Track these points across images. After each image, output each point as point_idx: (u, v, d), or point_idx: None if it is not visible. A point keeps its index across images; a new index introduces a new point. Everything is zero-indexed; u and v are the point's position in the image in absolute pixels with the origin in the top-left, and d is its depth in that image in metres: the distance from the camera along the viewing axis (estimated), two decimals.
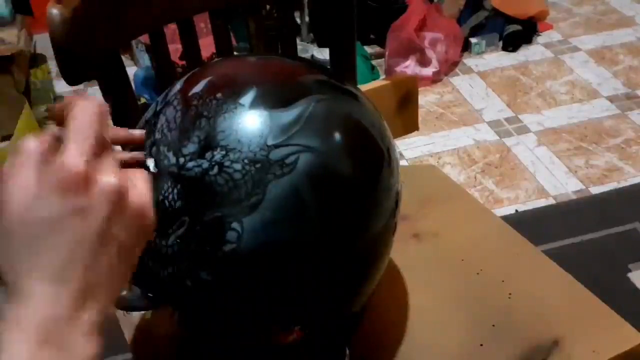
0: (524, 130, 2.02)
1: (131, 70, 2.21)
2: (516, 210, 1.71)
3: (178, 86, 0.56)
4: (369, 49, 2.38)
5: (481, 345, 0.69)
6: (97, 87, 0.78)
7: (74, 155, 0.39)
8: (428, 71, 2.23)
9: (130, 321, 0.74)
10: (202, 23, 1.62)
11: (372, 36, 2.41)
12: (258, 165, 0.49)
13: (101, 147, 0.41)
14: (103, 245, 0.39)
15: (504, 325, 0.70)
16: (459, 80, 2.28)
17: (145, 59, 2.28)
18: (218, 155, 0.50)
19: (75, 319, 0.38)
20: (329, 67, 0.87)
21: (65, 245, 0.38)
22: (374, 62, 2.30)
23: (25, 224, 0.38)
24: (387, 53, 2.26)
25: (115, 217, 0.40)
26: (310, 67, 0.59)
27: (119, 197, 0.40)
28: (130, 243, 0.41)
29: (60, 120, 0.43)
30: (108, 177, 0.40)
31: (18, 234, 0.39)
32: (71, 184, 0.38)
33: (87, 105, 0.41)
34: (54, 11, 0.69)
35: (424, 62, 2.24)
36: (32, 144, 0.40)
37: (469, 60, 2.38)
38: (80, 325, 0.39)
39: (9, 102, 1.92)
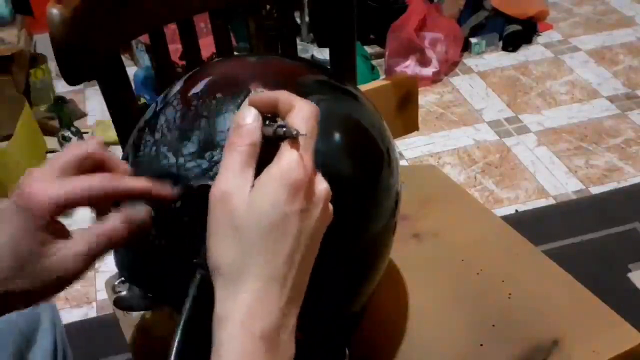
0: (524, 130, 2.02)
1: (131, 70, 2.21)
2: (516, 210, 1.71)
3: (178, 86, 0.56)
4: (369, 49, 2.38)
5: (481, 345, 0.69)
6: (97, 87, 0.78)
7: (298, 158, 0.41)
8: (428, 71, 2.23)
9: (130, 321, 0.74)
10: (202, 23, 1.62)
11: (372, 36, 2.41)
12: None
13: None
14: (312, 248, 0.42)
15: (504, 325, 0.70)
16: (459, 80, 2.28)
17: (145, 59, 2.28)
18: (218, 155, 0.50)
19: (286, 318, 0.41)
20: (329, 67, 0.87)
21: (287, 245, 0.40)
22: (374, 62, 2.30)
23: (256, 223, 0.40)
24: (387, 53, 2.26)
25: (324, 221, 0.43)
26: (310, 67, 0.59)
27: (327, 200, 0.43)
28: (319, 237, 0.43)
29: (256, 103, 0.43)
30: (323, 182, 0.43)
31: (248, 232, 0.40)
32: (299, 189, 0.40)
33: (307, 106, 0.44)
34: (54, 11, 0.69)
35: (424, 62, 2.24)
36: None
37: (469, 60, 2.38)
38: (288, 325, 0.41)
39: (9, 102, 1.92)
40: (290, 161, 0.41)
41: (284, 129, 0.41)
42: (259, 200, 0.40)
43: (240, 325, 0.39)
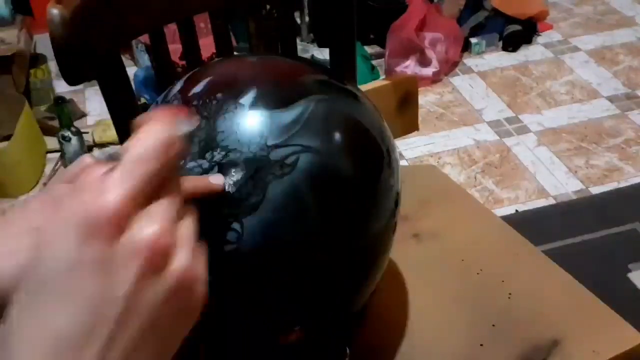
0: (524, 130, 2.02)
1: (131, 70, 2.21)
2: (516, 210, 1.71)
3: (178, 86, 0.56)
4: (369, 49, 2.38)
5: (481, 345, 0.69)
6: (97, 87, 0.78)
7: (109, 190, 0.30)
8: (428, 71, 2.23)
9: None
10: (202, 23, 1.62)
11: (372, 36, 2.41)
12: (258, 166, 0.49)
13: (155, 189, 0.31)
14: (126, 320, 0.30)
15: (504, 325, 0.70)
16: (459, 80, 2.28)
17: (145, 59, 2.28)
18: (218, 155, 0.50)
19: None
20: (329, 67, 0.87)
21: (74, 312, 0.29)
22: (374, 62, 2.30)
23: (36, 268, 0.30)
24: (387, 53, 2.26)
25: (148, 282, 0.30)
26: (310, 67, 0.59)
27: (156, 256, 0.30)
28: (169, 322, 0.31)
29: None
30: (148, 226, 0.30)
31: (28, 282, 0.30)
32: (94, 227, 0.29)
33: (156, 130, 0.32)
34: (54, 11, 0.69)
35: (424, 62, 2.24)
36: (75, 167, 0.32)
37: (469, 60, 2.38)
38: None
39: (9, 102, 1.92)
40: (91, 192, 0.30)
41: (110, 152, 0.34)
42: (42, 250, 0.30)
43: None
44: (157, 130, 0.32)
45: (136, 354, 0.30)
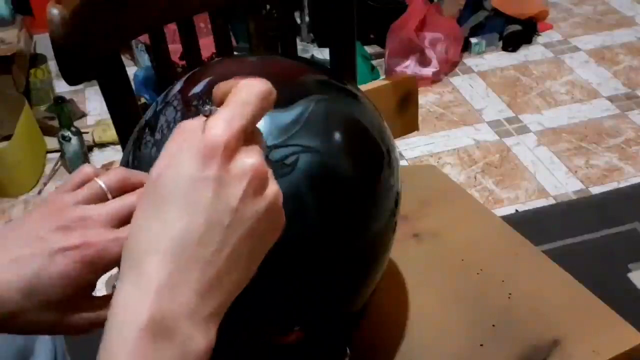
0: (524, 130, 2.02)
1: (131, 70, 2.21)
2: (516, 210, 1.71)
3: (178, 86, 0.56)
4: (369, 49, 2.38)
5: (481, 345, 0.69)
6: (97, 87, 0.78)
7: (221, 126, 0.36)
8: (428, 71, 2.23)
9: None
10: (202, 23, 1.62)
11: (372, 36, 2.41)
12: None
13: (251, 131, 0.38)
14: (234, 228, 0.36)
15: (504, 325, 0.70)
16: (459, 80, 2.28)
17: (145, 59, 2.28)
18: None
19: (193, 312, 0.35)
20: (329, 67, 0.87)
21: (193, 218, 0.35)
22: (374, 62, 2.30)
23: (160, 185, 0.36)
24: (387, 53, 2.26)
25: (251, 200, 0.37)
26: (310, 67, 0.59)
27: (258, 180, 0.37)
28: (261, 235, 0.38)
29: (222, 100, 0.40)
30: (253, 156, 0.37)
31: (153, 198, 0.36)
32: (211, 153, 0.35)
33: (255, 84, 0.39)
34: (54, 11, 0.69)
35: (424, 62, 2.24)
36: (188, 124, 0.38)
37: (469, 60, 2.38)
38: (197, 318, 0.35)
39: (9, 102, 1.92)
40: (193, 125, 0.37)
41: (204, 107, 0.39)
42: (172, 167, 0.36)
43: (126, 315, 0.34)
44: (256, 83, 0.39)
45: (237, 259, 0.37)
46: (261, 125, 0.51)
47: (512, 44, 2.41)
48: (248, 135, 0.38)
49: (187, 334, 0.35)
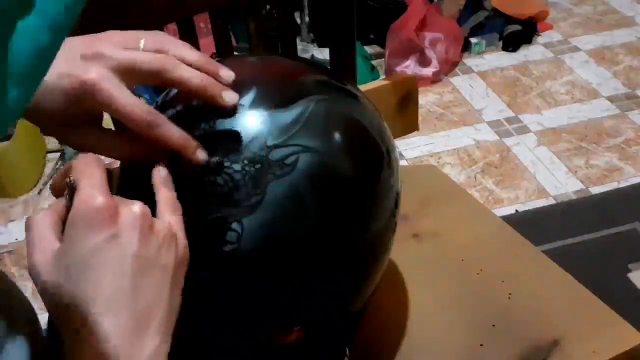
0: (524, 130, 2.02)
1: None
2: (516, 210, 1.71)
3: None
4: (369, 49, 2.38)
5: (481, 345, 0.69)
6: None
7: (91, 194, 0.41)
8: (428, 71, 2.23)
9: None
10: (202, 23, 1.62)
11: (372, 36, 2.41)
12: (258, 166, 0.49)
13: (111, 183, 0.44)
14: (142, 269, 0.41)
15: (504, 325, 0.70)
16: (459, 80, 2.28)
17: None
18: (218, 155, 0.50)
19: (133, 345, 0.39)
20: (329, 67, 0.87)
21: (106, 274, 0.40)
22: (374, 62, 2.30)
23: (67, 271, 0.40)
24: (387, 53, 2.26)
25: (147, 239, 0.41)
26: (310, 67, 0.59)
27: (147, 219, 0.42)
28: (167, 263, 0.43)
29: (61, 191, 0.45)
30: (131, 204, 0.42)
31: (63, 282, 0.40)
32: (97, 218, 0.40)
33: (82, 156, 0.45)
34: None
35: (424, 62, 2.24)
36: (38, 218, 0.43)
37: (469, 60, 2.38)
38: (140, 352, 0.40)
39: None
40: (77, 202, 0.41)
41: (70, 183, 0.43)
42: (65, 249, 0.40)
43: None
44: (81, 157, 0.45)
45: (157, 288, 0.42)
46: (261, 125, 0.51)
47: (512, 44, 2.41)
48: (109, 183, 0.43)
49: None
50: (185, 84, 0.48)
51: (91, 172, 0.43)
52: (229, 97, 0.49)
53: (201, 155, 0.49)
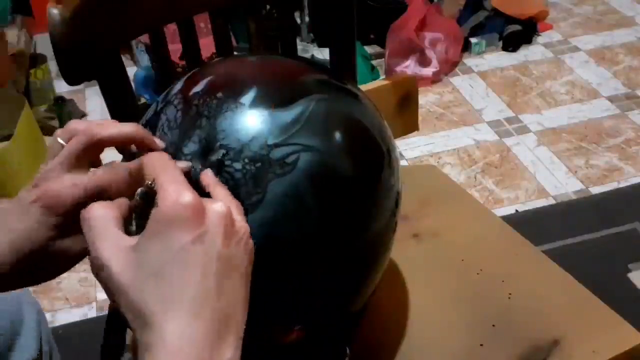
0: (524, 130, 2.02)
1: (131, 70, 2.21)
2: (516, 210, 1.71)
3: (178, 86, 0.56)
4: (369, 49, 2.38)
5: (481, 345, 0.69)
6: (97, 87, 0.78)
7: (178, 191, 0.40)
8: (428, 71, 2.23)
9: None
10: (202, 23, 1.62)
11: (372, 36, 2.41)
12: (258, 165, 0.49)
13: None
14: (225, 270, 0.40)
15: (504, 325, 0.70)
16: (459, 80, 2.28)
17: (145, 59, 2.28)
18: (218, 154, 0.50)
19: (214, 349, 0.38)
20: (329, 67, 0.87)
21: (193, 275, 0.39)
22: (374, 62, 2.30)
23: (148, 271, 0.39)
24: (387, 53, 2.26)
25: (230, 238, 0.41)
26: (310, 67, 0.59)
27: (230, 218, 0.41)
28: (244, 264, 0.42)
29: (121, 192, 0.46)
30: (214, 202, 0.41)
31: (140, 284, 0.39)
32: (185, 217, 0.39)
33: (150, 155, 0.45)
34: (54, 11, 0.69)
35: (424, 62, 2.24)
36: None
37: (469, 60, 2.38)
38: (221, 356, 0.38)
39: (9, 102, 1.92)
40: (164, 200, 0.40)
41: (148, 185, 0.43)
42: (148, 248, 0.40)
43: None
44: (151, 155, 0.45)
45: (235, 290, 0.41)
46: (262, 124, 0.51)
47: (512, 44, 2.41)
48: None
49: None
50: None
51: (170, 169, 0.42)
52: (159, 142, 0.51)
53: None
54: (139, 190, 0.43)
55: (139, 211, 0.44)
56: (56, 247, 0.47)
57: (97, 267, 0.40)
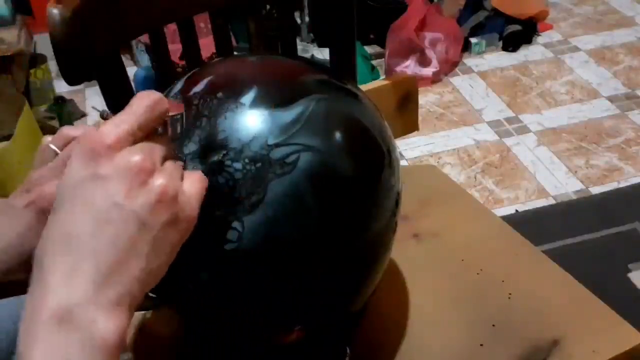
0: (524, 130, 2.02)
1: (131, 70, 2.21)
2: (516, 210, 1.71)
3: (178, 86, 0.56)
4: (369, 49, 2.39)
5: (481, 345, 0.69)
6: (97, 87, 0.78)
7: (107, 129, 0.39)
8: (428, 71, 2.23)
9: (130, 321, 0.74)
10: (202, 23, 1.62)
11: (372, 36, 2.41)
12: (259, 165, 0.49)
13: (145, 134, 0.41)
14: (124, 221, 0.38)
15: (504, 325, 0.70)
16: (459, 80, 2.28)
17: (145, 59, 2.28)
18: (219, 154, 0.50)
19: (93, 299, 0.37)
20: (329, 67, 0.87)
21: (82, 215, 0.38)
22: (374, 62, 2.30)
23: (59, 188, 0.39)
24: (387, 53, 2.26)
25: (136, 194, 0.39)
26: (310, 67, 0.59)
27: (140, 172, 0.39)
28: (159, 227, 0.40)
29: None
30: (134, 154, 0.39)
31: (53, 212, 0.39)
32: (94, 152, 0.39)
33: (144, 96, 0.42)
34: (54, 11, 0.69)
35: (424, 62, 2.24)
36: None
37: (469, 60, 2.38)
38: (99, 304, 0.37)
39: (9, 102, 1.92)
40: (88, 130, 0.40)
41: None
42: (64, 175, 0.40)
43: (32, 316, 0.37)
44: (145, 94, 0.42)
45: (132, 249, 0.38)
46: (262, 124, 0.51)
47: (512, 44, 2.41)
48: (138, 140, 0.41)
49: (89, 318, 0.37)
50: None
51: (131, 112, 0.41)
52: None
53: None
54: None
55: None
56: None
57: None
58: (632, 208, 1.68)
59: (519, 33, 2.40)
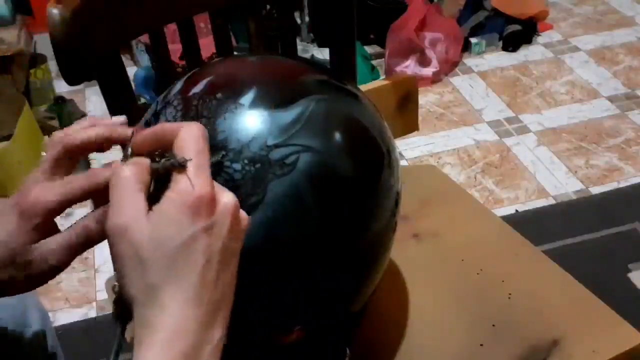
0: (524, 130, 2.02)
1: (131, 70, 2.21)
2: (516, 210, 1.71)
3: (178, 86, 0.56)
4: (369, 49, 2.38)
5: (481, 345, 0.69)
6: (97, 87, 0.78)
7: (201, 180, 0.41)
8: (428, 71, 2.23)
9: (130, 321, 0.74)
10: (202, 23, 1.62)
11: (372, 36, 2.41)
12: (258, 165, 0.49)
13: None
14: (225, 261, 0.42)
15: (504, 325, 0.70)
16: (459, 80, 2.28)
17: (145, 59, 2.28)
18: (218, 155, 0.50)
19: (207, 334, 0.41)
20: (329, 67, 0.87)
21: (198, 262, 0.41)
22: (374, 62, 2.30)
23: (162, 250, 0.40)
24: (387, 53, 2.26)
25: (234, 231, 0.42)
26: (310, 67, 0.59)
27: (236, 210, 0.43)
28: (237, 255, 0.44)
29: (140, 147, 0.45)
30: (227, 194, 0.43)
31: (155, 260, 0.41)
32: (200, 207, 0.41)
33: (192, 128, 0.43)
34: (54, 11, 0.69)
35: (424, 62, 2.24)
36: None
37: (469, 60, 2.38)
38: (211, 340, 0.41)
39: (9, 102, 1.92)
40: (185, 184, 0.41)
41: (171, 160, 0.42)
42: (162, 227, 0.41)
43: (160, 347, 0.39)
44: (195, 129, 0.43)
45: (229, 280, 0.43)
46: (262, 124, 0.51)
47: (512, 44, 2.41)
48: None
49: (210, 357, 0.42)
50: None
51: (200, 152, 0.42)
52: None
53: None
54: (169, 162, 0.43)
55: (157, 177, 0.44)
56: (34, 255, 0.48)
57: (118, 229, 0.41)
58: (632, 208, 1.68)
59: (519, 33, 2.40)
